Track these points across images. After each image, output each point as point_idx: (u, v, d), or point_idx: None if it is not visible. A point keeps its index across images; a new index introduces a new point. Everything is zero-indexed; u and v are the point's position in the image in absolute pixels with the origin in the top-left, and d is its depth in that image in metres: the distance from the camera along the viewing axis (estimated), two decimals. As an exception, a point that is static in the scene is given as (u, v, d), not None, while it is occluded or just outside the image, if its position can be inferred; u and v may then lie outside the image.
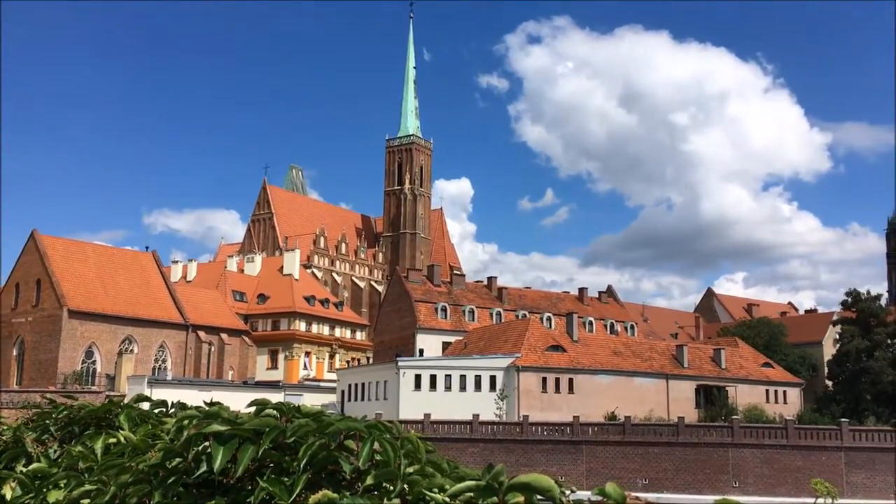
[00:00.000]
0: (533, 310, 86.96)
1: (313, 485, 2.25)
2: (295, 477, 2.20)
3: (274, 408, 2.58)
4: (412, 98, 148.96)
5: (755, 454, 57.53)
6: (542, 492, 1.73)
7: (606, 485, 1.56)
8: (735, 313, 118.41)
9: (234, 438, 2.32)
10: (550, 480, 1.73)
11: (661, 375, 72.53)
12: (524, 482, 1.74)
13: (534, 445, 58.17)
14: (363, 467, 2.20)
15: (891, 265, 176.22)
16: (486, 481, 1.79)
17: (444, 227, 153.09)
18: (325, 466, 2.28)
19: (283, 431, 2.34)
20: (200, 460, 2.36)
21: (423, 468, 2.21)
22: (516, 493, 1.77)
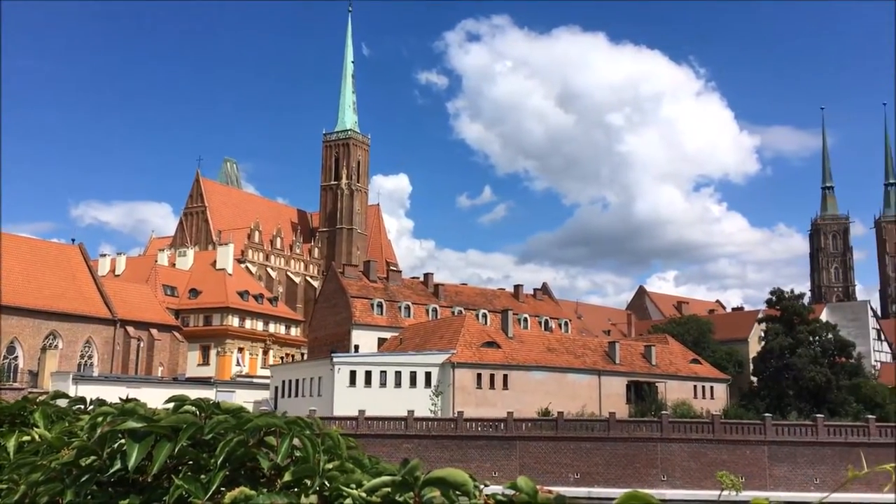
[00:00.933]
0: (469, 306, 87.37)
1: (231, 482, 2.21)
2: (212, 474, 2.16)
3: (192, 404, 2.53)
4: (350, 93, 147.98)
5: (683, 448, 58.92)
6: (457, 486, 1.74)
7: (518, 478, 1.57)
8: (666, 311, 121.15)
9: (149, 435, 2.27)
10: (465, 475, 1.74)
11: (594, 372, 73.76)
12: (439, 477, 1.75)
13: (468, 441, 58.47)
14: (282, 464, 2.18)
15: (813, 265, 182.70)
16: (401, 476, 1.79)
17: (381, 223, 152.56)
18: (244, 463, 2.25)
19: (200, 428, 2.30)
20: (115, 458, 2.30)
21: (343, 464, 2.20)
22: (432, 488, 1.78)
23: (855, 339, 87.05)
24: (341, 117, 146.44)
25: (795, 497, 49.01)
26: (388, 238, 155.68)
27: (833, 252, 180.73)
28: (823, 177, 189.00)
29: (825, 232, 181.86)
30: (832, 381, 73.48)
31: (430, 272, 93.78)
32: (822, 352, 76.75)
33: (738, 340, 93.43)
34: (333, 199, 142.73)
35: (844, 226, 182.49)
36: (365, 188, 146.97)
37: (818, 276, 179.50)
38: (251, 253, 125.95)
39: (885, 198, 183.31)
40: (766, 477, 57.49)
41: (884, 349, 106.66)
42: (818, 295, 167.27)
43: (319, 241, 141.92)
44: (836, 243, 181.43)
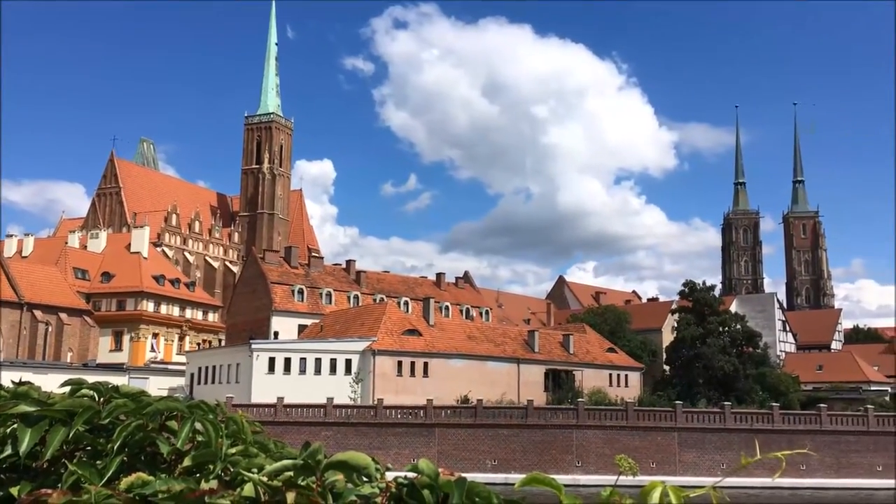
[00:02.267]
0: (391, 294, 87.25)
1: (129, 468, 2.14)
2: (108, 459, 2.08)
3: (90, 388, 2.44)
4: (273, 75, 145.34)
5: (597, 435, 60.32)
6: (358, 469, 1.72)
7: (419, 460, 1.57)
8: (584, 301, 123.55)
9: (43, 420, 2.17)
10: (367, 458, 1.73)
11: (513, 360, 74.72)
12: (341, 460, 1.72)
13: (387, 429, 58.52)
14: (182, 448, 2.12)
15: (725, 258, 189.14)
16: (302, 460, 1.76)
17: (303, 209, 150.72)
18: (143, 448, 2.17)
19: (97, 412, 2.21)
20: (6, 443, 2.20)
21: (247, 449, 2.15)
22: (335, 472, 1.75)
23: (762, 329, 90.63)
24: (264, 100, 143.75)
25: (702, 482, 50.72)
26: (310, 224, 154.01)
27: (744, 246, 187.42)
28: (736, 173, 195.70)
29: (737, 226, 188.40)
30: (740, 370, 76.24)
31: (352, 259, 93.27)
32: (731, 342, 79.50)
33: (652, 330, 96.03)
34: (255, 184, 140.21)
35: (755, 220, 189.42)
36: (287, 173, 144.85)
37: (729, 269, 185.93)
38: (168, 236, 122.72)
39: (793, 194, 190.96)
40: (676, 462, 59.39)
41: (788, 340, 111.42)
42: (729, 287, 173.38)
43: (240, 225, 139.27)
44: (746, 237, 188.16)
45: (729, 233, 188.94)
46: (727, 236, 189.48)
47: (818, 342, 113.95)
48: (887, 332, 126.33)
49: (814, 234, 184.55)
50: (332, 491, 1.72)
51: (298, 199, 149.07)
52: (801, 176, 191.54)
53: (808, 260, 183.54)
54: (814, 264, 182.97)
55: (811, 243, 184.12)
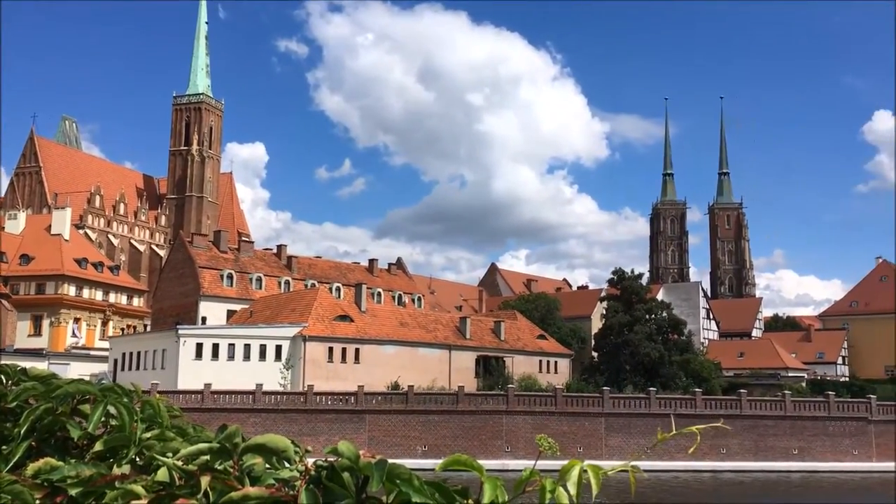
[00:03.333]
0: (322, 280, 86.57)
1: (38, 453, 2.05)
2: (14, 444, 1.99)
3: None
4: (203, 55, 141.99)
5: (527, 420, 61.18)
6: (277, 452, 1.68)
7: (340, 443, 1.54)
8: (516, 288, 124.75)
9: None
10: (286, 441, 1.69)
11: (445, 346, 75.06)
12: (259, 443, 1.68)
13: (317, 415, 58.21)
14: (94, 432, 2.04)
15: (653, 247, 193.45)
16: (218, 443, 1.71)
17: (233, 192, 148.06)
18: (53, 433, 2.09)
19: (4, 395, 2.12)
20: None
21: (163, 433, 2.08)
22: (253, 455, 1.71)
23: (687, 317, 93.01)
24: (193, 80, 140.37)
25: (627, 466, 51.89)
26: (240, 208, 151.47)
27: (671, 235, 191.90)
28: (665, 164, 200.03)
29: (664, 216, 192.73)
30: (665, 356, 78.16)
31: (283, 244, 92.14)
32: (657, 329, 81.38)
33: (582, 317, 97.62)
34: (183, 166, 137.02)
35: (682, 211, 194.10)
36: (217, 155, 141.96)
37: (657, 258, 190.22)
38: (91, 218, 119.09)
39: (718, 186, 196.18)
40: (603, 447, 60.67)
41: (712, 327, 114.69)
42: (656, 275, 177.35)
43: (167, 208, 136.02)
44: (673, 227, 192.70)
45: (657, 223, 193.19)
46: (655, 226, 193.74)
47: (740, 330, 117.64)
48: (805, 320, 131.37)
49: (737, 224, 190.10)
50: (250, 475, 1.68)
51: (228, 183, 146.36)
52: (726, 168, 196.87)
53: (732, 250, 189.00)
54: (737, 254, 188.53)
55: (735, 234, 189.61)
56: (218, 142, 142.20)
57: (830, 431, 64.23)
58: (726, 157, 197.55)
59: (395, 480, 1.50)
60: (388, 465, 1.51)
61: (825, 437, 64.03)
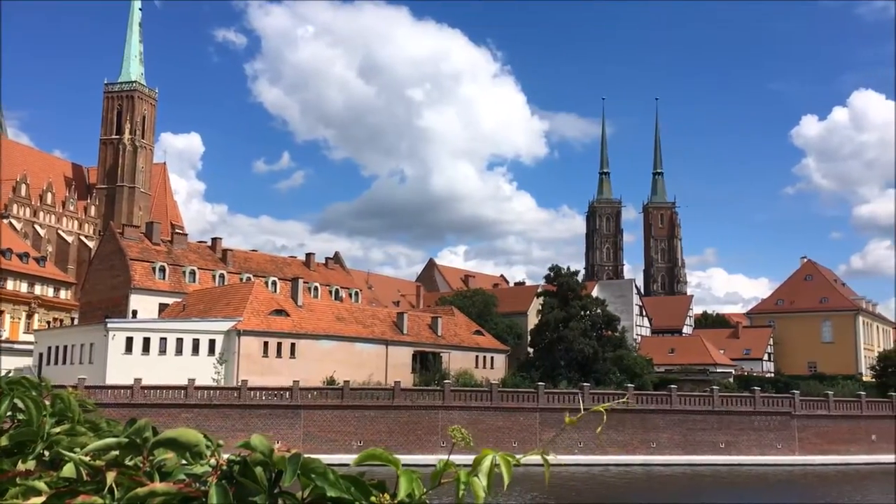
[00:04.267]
0: (258, 273, 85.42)
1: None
2: (-89, 441, 1.90)
3: None
4: (137, 42, 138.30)
5: (463, 416, 61.43)
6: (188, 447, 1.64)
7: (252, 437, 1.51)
8: (454, 284, 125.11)
9: None
10: (198, 435, 1.64)
11: (382, 341, 74.87)
12: (170, 438, 1.63)
13: (252, 410, 57.47)
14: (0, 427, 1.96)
15: (589, 245, 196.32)
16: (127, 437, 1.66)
17: (166, 183, 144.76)
18: (-45, 428, 2.00)
19: None
20: None
21: (73, 428, 2.01)
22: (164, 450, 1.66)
23: (620, 314, 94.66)
24: (126, 67, 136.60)
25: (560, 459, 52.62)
26: (174, 199, 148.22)
27: (606, 233, 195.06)
28: (601, 163, 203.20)
29: (600, 214, 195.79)
30: (599, 352, 79.40)
31: (218, 237, 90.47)
32: (592, 325, 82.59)
33: (518, 313, 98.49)
34: (115, 155, 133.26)
35: (617, 209, 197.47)
36: (150, 145, 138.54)
37: (592, 256, 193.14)
38: (16, 208, 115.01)
39: (652, 185, 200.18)
40: (537, 441, 61.34)
41: (644, 324, 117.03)
42: (591, 273, 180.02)
43: (97, 198, 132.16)
44: (609, 225, 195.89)
45: (593, 220, 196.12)
46: (591, 224, 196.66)
47: (671, 326, 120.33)
48: (733, 317, 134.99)
49: (670, 223, 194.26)
50: (161, 470, 1.63)
51: (162, 173, 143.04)
52: (660, 168, 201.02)
53: (665, 248, 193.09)
54: (670, 252, 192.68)
55: (668, 233, 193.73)
56: (151, 131, 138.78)
57: (756, 426, 66.20)
58: (661, 158, 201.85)
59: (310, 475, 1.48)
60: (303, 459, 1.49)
61: (751, 432, 65.98)
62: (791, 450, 65.93)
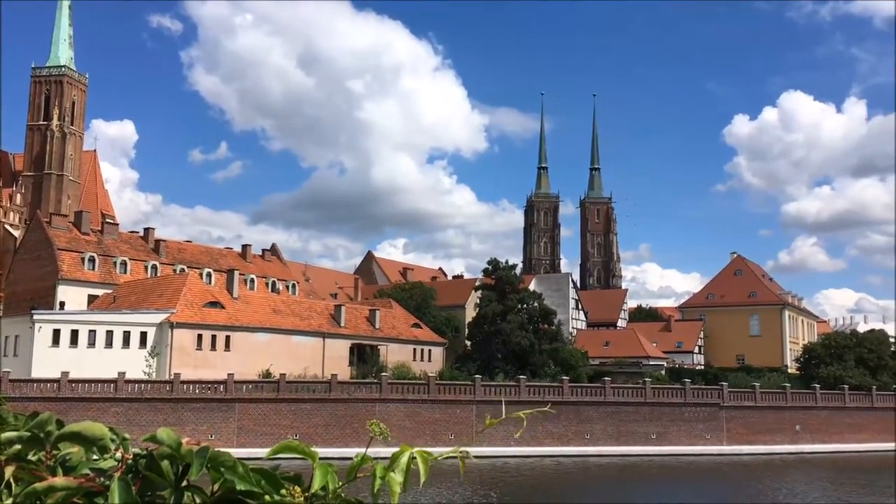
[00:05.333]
0: (193, 265, 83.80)
1: None
2: None
3: None
4: (66, 25, 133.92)
5: (400, 408, 61.51)
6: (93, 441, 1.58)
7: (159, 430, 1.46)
8: (392, 276, 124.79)
9: None
10: (104, 428, 1.59)
11: (319, 334, 74.33)
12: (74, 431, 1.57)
13: (184, 404, 56.44)
14: None
15: (526, 239, 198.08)
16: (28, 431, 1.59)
17: (97, 171, 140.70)
18: None
19: None
20: None
21: (-25, 422, 1.92)
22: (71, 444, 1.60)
23: (557, 307, 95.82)
24: (54, 52, 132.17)
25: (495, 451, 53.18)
26: (105, 188, 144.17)
27: (544, 228, 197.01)
28: (539, 158, 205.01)
29: (538, 209, 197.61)
30: (535, 345, 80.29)
31: (151, 227, 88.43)
32: (529, 319, 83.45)
33: (456, 306, 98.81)
34: (42, 142, 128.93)
35: (555, 204, 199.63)
36: (80, 132, 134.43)
37: (530, 250, 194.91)
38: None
39: (589, 181, 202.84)
40: (474, 434, 61.73)
41: (580, 317, 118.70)
42: (529, 266, 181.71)
43: (23, 186, 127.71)
44: (546, 220, 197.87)
45: (531, 215, 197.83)
46: (529, 218, 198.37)
47: (606, 320, 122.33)
48: (666, 311, 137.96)
49: (606, 219, 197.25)
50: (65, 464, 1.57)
51: (92, 161, 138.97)
52: (597, 164, 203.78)
53: (601, 243, 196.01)
54: (605, 247, 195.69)
55: (604, 228, 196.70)
56: (81, 117, 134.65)
57: (686, 417, 67.87)
58: (598, 153, 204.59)
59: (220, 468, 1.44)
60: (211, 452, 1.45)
61: (681, 423, 67.61)
62: (719, 440, 67.79)
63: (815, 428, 70.98)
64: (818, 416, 71.52)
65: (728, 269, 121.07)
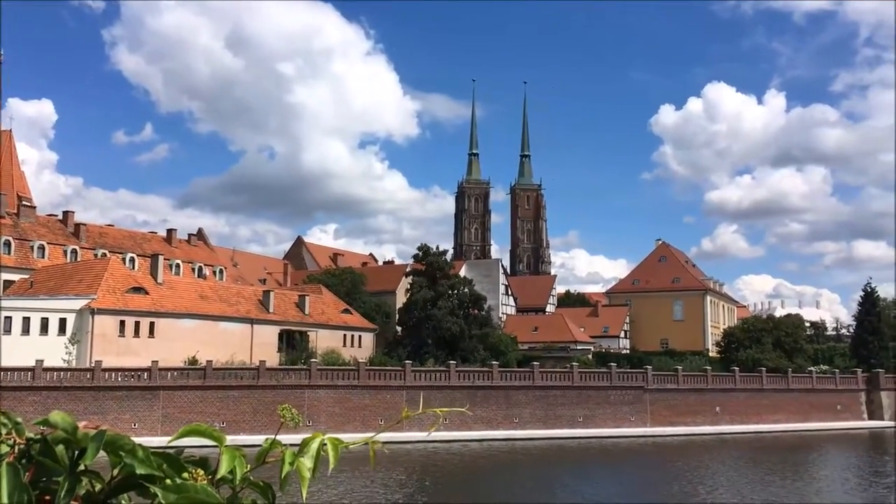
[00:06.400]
0: (115, 249, 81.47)
1: None
2: None
3: None
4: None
5: (329, 395, 61.19)
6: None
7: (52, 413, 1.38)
8: (322, 262, 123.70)
9: None
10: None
11: (247, 320, 73.25)
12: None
13: (106, 392, 54.98)
14: None
15: (457, 225, 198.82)
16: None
17: (12, 152, 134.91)
18: None
19: None
20: None
21: None
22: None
23: (487, 293, 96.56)
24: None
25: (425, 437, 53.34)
26: (21, 169, 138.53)
27: (475, 214, 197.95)
28: (471, 144, 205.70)
29: (469, 195, 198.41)
30: (466, 331, 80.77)
31: (71, 210, 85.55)
32: (459, 304, 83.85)
33: (387, 292, 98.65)
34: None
35: (486, 190, 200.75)
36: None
37: (461, 236, 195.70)
38: None
39: (520, 168, 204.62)
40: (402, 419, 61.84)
41: (510, 303, 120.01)
42: (460, 252, 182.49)
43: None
44: (477, 206, 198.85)
45: (462, 201, 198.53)
46: (460, 204, 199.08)
47: (535, 305, 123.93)
48: (594, 296, 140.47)
49: (536, 205, 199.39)
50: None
51: (8, 141, 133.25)
52: (527, 150, 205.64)
53: (531, 229, 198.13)
54: (535, 233, 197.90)
55: (534, 214, 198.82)
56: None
57: (612, 400, 69.40)
58: (528, 140, 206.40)
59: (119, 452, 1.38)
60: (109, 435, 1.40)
61: (607, 406, 69.12)
62: (643, 422, 69.55)
63: (734, 409, 73.46)
64: (737, 398, 74.01)
65: (653, 256, 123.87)
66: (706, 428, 70.45)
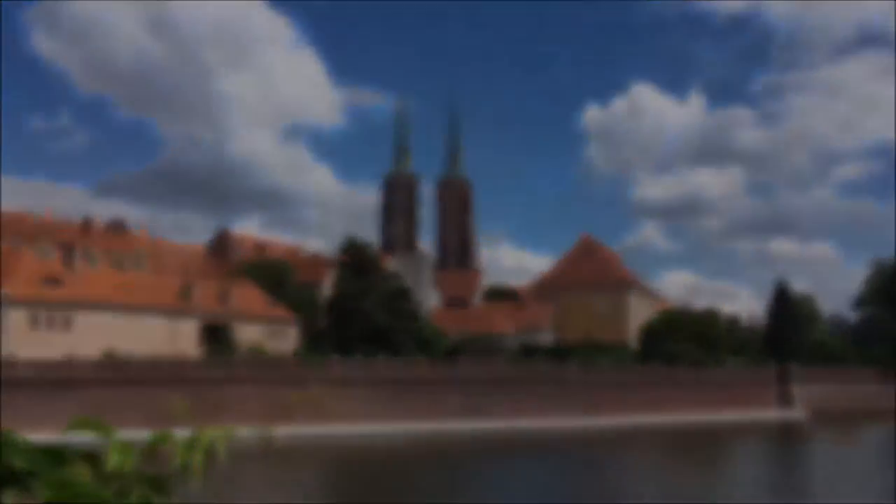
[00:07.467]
0: (28, 239, 78.39)
1: None
2: None
3: None
4: None
5: (253, 389, 60.28)
6: None
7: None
8: (247, 253, 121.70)
9: None
10: None
11: (168, 313, 71.57)
12: None
13: (16, 388, 52.89)
14: None
15: (385, 218, 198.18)
16: None
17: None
18: None
19: None
20: None
21: None
22: None
23: (414, 286, 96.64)
24: None
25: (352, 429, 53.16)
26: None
27: (402, 207, 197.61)
28: (399, 137, 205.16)
29: (397, 188, 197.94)
30: (393, 324, 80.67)
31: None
32: (387, 297, 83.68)
33: (314, 285, 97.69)
34: None
35: (414, 183, 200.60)
36: None
37: (388, 228, 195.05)
38: None
39: (449, 162, 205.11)
40: (332, 413, 61.46)
41: (437, 297, 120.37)
42: (387, 245, 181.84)
43: None
44: (405, 199, 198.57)
45: (390, 194, 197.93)
46: (388, 197, 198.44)
47: (462, 299, 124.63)
48: (520, 290, 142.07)
49: (464, 199, 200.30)
50: None
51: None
52: (457, 145, 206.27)
53: (458, 223, 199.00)
54: (462, 227, 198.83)
55: (461, 208, 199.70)
56: None
57: (537, 392, 70.36)
58: (457, 135, 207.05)
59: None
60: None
61: (533, 398, 70.04)
62: (568, 414, 70.75)
63: (655, 401, 75.40)
64: (657, 391, 75.97)
65: (578, 251, 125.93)
66: (627, 419, 72.13)
